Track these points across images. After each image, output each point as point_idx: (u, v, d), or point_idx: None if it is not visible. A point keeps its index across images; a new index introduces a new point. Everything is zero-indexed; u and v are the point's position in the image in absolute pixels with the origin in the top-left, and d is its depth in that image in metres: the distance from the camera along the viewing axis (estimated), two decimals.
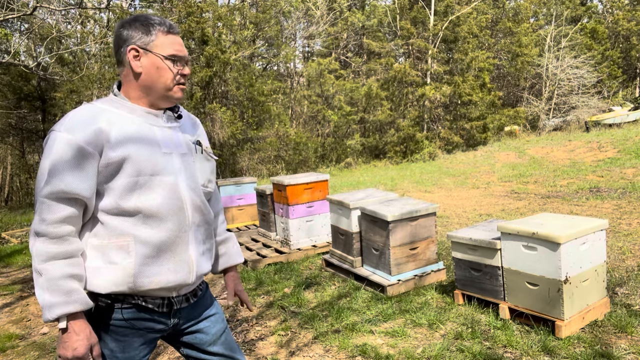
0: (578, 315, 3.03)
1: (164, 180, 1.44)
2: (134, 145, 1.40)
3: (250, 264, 5.04)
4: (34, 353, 3.37)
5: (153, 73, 1.46)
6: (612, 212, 6.40)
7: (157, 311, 1.47)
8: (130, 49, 1.44)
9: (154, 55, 1.45)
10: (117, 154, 1.36)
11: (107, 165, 1.36)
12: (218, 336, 1.63)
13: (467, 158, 15.58)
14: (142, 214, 1.40)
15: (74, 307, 1.31)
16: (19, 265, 6.05)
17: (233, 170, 16.02)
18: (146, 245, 1.40)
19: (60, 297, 1.30)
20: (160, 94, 1.48)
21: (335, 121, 19.10)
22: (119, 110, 1.44)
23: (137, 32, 1.45)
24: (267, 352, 3.11)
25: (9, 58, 7.72)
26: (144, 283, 1.40)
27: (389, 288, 3.91)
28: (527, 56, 21.70)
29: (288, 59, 20.91)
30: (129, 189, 1.38)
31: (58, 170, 1.31)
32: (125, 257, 1.38)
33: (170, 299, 1.49)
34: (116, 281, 1.38)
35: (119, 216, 1.39)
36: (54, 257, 1.32)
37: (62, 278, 1.31)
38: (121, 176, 1.38)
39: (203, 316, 1.62)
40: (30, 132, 18.92)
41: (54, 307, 1.30)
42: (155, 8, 16.11)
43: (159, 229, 1.41)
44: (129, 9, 15.86)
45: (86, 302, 1.34)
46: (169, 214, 1.43)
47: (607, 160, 11.45)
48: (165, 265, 1.43)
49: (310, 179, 5.40)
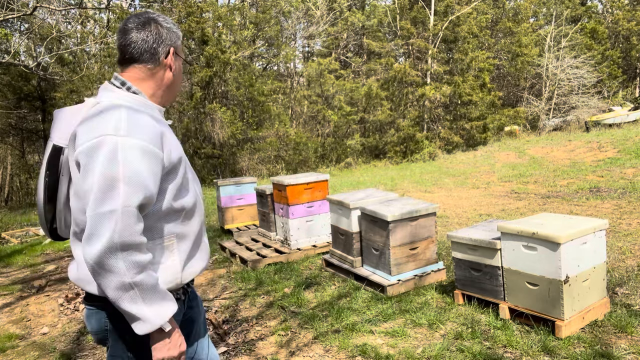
0: (578, 315, 3.03)
1: (188, 176, 1.50)
2: (179, 145, 1.46)
3: (250, 264, 5.04)
4: (34, 353, 3.37)
5: (179, 76, 1.53)
6: (612, 212, 6.40)
7: (182, 300, 1.52)
8: (172, 51, 1.48)
9: (181, 60, 1.53)
10: (176, 155, 1.40)
11: (168, 168, 1.37)
12: (202, 314, 1.70)
13: (467, 158, 15.58)
14: (185, 210, 1.45)
15: (174, 305, 1.34)
16: (19, 265, 6.05)
17: (233, 170, 16.02)
18: (186, 240, 1.46)
19: (161, 302, 1.31)
20: (175, 95, 1.57)
21: (335, 121, 19.10)
22: (148, 111, 1.43)
23: (174, 34, 1.49)
24: (267, 352, 3.11)
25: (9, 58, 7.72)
26: (186, 276, 1.47)
27: (389, 288, 3.91)
28: (527, 56, 21.70)
29: (288, 59, 20.91)
30: (179, 188, 1.42)
31: (138, 176, 1.26)
32: (169, 256, 1.42)
33: (187, 285, 1.57)
34: (165, 280, 1.40)
35: (165, 216, 1.40)
36: (146, 266, 1.28)
37: (156, 286, 1.31)
38: (175, 176, 1.40)
39: (195, 297, 1.69)
40: (30, 132, 18.92)
41: (161, 313, 1.29)
42: (155, 8, 16.10)
43: (191, 224, 1.48)
44: (129, 9, 15.86)
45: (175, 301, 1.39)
46: (198, 207, 1.52)
47: (607, 160, 11.45)
48: (197, 255, 1.52)
49: (310, 179, 5.40)
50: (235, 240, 6.02)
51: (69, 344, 3.51)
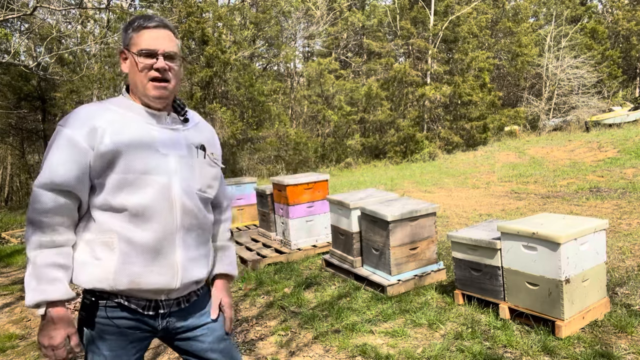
0: (578, 315, 3.03)
1: (155, 180, 1.42)
2: (127, 143, 1.40)
3: (250, 264, 5.04)
4: (34, 353, 3.37)
5: (131, 72, 1.47)
6: (612, 212, 6.40)
7: (141, 312, 1.44)
8: (120, 51, 1.50)
9: (130, 54, 1.46)
10: (109, 150, 1.37)
11: (98, 161, 1.37)
12: (216, 344, 1.57)
13: (467, 158, 15.58)
14: (128, 211, 1.39)
15: (53, 295, 1.33)
16: (19, 265, 6.05)
17: (233, 170, 16.03)
18: (130, 243, 1.38)
19: (43, 284, 1.32)
20: (141, 93, 1.46)
21: (335, 121, 19.10)
22: (122, 110, 1.45)
23: (124, 33, 1.49)
24: (267, 352, 3.11)
25: (9, 58, 7.72)
26: (122, 282, 1.38)
27: (389, 288, 3.91)
28: (527, 56, 21.70)
29: (288, 59, 20.91)
30: (118, 185, 1.39)
31: (53, 162, 1.35)
32: (109, 254, 1.38)
33: (158, 301, 1.46)
34: (98, 277, 1.38)
35: (107, 212, 1.40)
36: (43, 245, 1.35)
37: (48, 266, 1.34)
38: (112, 172, 1.38)
39: (198, 323, 1.56)
40: (30, 132, 18.92)
41: (35, 294, 1.32)
42: (155, 8, 16.10)
43: (144, 229, 1.39)
44: (129, 9, 15.85)
45: (66, 292, 1.36)
46: (155, 214, 1.40)
47: (607, 160, 11.44)
48: (147, 266, 1.40)
49: (310, 179, 5.40)
50: (235, 240, 6.03)
51: None
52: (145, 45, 1.43)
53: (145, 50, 1.43)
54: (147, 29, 1.45)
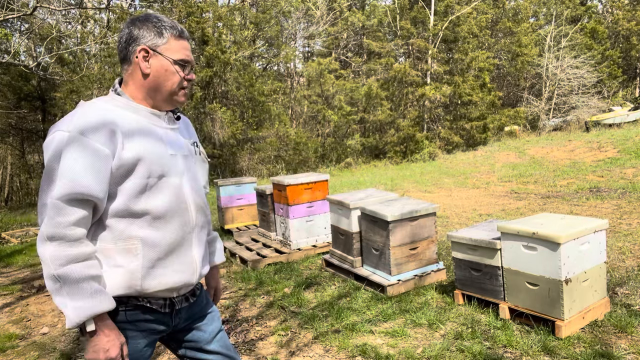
0: (578, 315, 3.03)
1: (170, 182, 1.45)
2: (145, 146, 1.40)
3: (250, 264, 5.04)
4: (34, 353, 3.37)
5: (161, 76, 1.45)
6: (612, 212, 6.40)
7: (160, 312, 1.47)
8: (141, 49, 1.44)
9: (164, 58, 1.45)
10: (131, 155, 1.36)
11: (119, 167, 1.35)
12: (215, 334, 1.65)
13: (467, 158, 15.58)
14: (150, 215, 1.40)
15: (100, 307, 1.29)
16: (19, 265, 6.05)
17: (233, 170, 16.02)
18: (153, 247, 1.40)
19: (85, 299, 1.28)
20: (165, 97, 1.48)
21: (335, 121, 19.10)
22: (123, 111, 1.42)
23: (150, 32, 1.44)
24: (267, 352, 3.11)
25: (9, 58, 7.72)
26: (151, 285, 1.40)
27: (389, 288, 3.91)
28: (527, 56, 21.70)
29: (288, 59, 20.90)
30: (140, 190, 1.38)
31: (74, 171, 1.28)
32: (132, 260, 1.37)
33: (172, 299, 1.50)
34: (123, 284, 1.37)
35: (127, 218, 1.38)
36: (73, 260, 1.28)
37: (85, 280, 1.29)
38: (133, 178, 1.37)
39: (202, 313, 1.63)
40: (30, 132, 18.91)
41: (80, 311, 1.27)
42: (155, 8, 16.10)
43: (164, 231, 1.42)
44: (129, 9, 15.86)
45: (112, 302, 1.33)
46: (175, 216, 1.44)
47: (607, 160, 11.44)
48: (170, 266, 1.44)
49: (310, 179, 5.40)
50: (235, 240, 6.03)
51: (69, 343, 3.51)
52: (183, 56, 1.47)
53: (186, 61, 1.48)
54: (182, 38, 1.49)
